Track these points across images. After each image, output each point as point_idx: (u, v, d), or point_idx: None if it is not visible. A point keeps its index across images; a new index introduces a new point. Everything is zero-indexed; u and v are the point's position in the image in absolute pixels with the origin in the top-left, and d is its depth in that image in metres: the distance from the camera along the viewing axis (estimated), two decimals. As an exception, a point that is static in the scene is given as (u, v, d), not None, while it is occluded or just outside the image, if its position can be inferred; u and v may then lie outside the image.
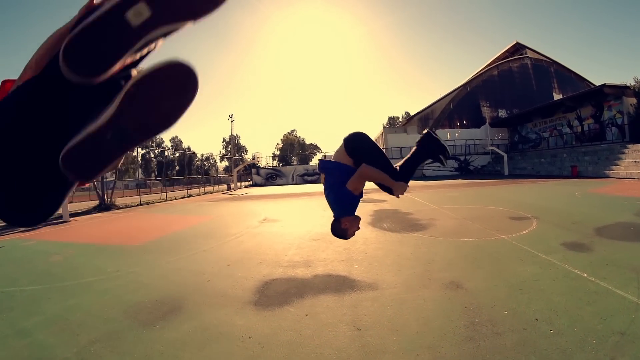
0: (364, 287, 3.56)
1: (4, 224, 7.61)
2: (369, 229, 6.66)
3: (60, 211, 14.12)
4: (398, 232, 6.27)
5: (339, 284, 3.69)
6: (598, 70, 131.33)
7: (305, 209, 11.13)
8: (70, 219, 13.81)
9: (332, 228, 2.23)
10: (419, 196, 13.21)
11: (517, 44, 46.86)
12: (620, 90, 24.75)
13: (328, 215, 2.64)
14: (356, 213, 2.22)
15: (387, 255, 4.76)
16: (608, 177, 19.00)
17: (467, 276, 3.74)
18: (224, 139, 79.42)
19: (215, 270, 4.50)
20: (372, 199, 12.73)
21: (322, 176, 2.29)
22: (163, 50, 0.75)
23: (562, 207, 8.44)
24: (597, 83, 31.41)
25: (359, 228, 2.23)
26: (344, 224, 2.16)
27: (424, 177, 34.90)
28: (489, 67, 44.86)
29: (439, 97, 43.90)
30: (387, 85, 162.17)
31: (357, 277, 3.93)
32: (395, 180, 2.12)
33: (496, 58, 47.12)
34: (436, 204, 10.59)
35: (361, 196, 2.22)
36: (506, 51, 47.39)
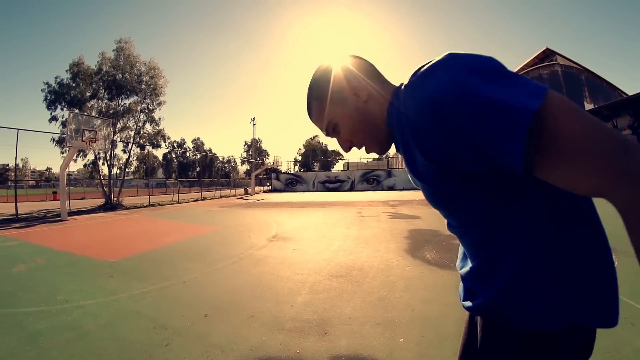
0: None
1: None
2: (408, 261, 4.94)
3: (59, 209, 13.23)
4: (449, 268, 4.47)
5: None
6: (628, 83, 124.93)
7: (326, 225, 9.34)
8: (70, 217, 12.84)
9: None
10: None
11: (547, 49, 44.31)
12: (662, 100, 22.25)
13: (353, 235, 1.14)
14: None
15: (444, 313, 2.98)
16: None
17: None
18: (245, 142, 79.44)
19: (185, 323, 2.95)
20: (402, 214, 11.02)
21: None
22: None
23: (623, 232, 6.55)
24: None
25: None
26: None
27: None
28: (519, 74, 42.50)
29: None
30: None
31: (407, 366, 2.18)
32: None
33: (525, 64, 44.81)
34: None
35: None
36: (535, 57, 44.94)
